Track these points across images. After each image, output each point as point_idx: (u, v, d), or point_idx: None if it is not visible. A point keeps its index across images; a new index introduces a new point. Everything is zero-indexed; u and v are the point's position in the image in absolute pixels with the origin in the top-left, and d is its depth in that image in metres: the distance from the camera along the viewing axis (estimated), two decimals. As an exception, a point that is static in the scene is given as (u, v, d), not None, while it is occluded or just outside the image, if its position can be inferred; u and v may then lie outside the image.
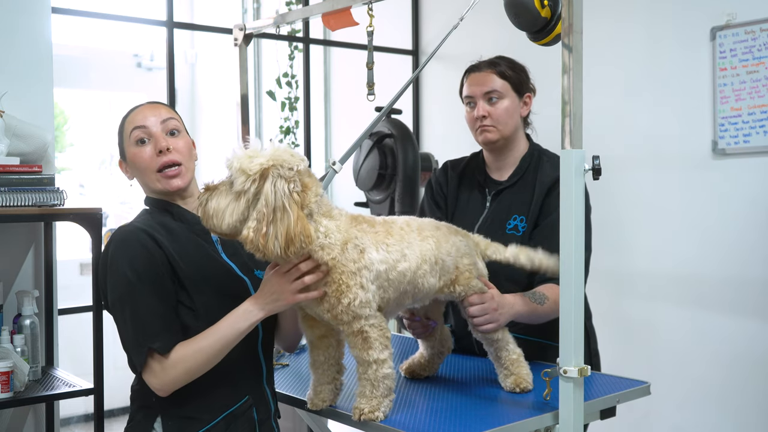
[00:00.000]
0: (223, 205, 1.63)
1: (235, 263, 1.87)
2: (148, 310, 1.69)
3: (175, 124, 1.86)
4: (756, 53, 3.24)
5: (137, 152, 1.83)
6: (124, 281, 1.70)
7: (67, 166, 6.43)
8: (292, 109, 4.85)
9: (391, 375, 1.76)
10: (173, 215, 1.85)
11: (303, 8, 2.68)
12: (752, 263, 3.26)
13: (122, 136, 1.88)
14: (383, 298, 1.77)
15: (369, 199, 4.04)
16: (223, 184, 1.66)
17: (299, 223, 1.59)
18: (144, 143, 1.83)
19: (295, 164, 1.65)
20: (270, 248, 1.58)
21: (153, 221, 1.81)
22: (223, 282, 1.82)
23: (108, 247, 1.77)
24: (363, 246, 1.72)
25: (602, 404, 1.93)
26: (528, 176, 2.29)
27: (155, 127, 1.83)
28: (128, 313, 1.70)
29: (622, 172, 3.63)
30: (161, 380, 1.69)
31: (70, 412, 5.06)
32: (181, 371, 1.69)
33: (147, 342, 1.68)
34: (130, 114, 1.88)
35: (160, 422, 1.77)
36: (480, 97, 2.26)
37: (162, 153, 1.81)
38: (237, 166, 1.62)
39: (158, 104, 1.90)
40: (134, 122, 1.85)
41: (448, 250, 1.91)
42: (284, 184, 1.61)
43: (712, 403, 3.40)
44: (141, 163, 1.83)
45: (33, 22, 3.00)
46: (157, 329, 1.69)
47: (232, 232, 1.65)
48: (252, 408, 1.84)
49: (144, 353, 1.68)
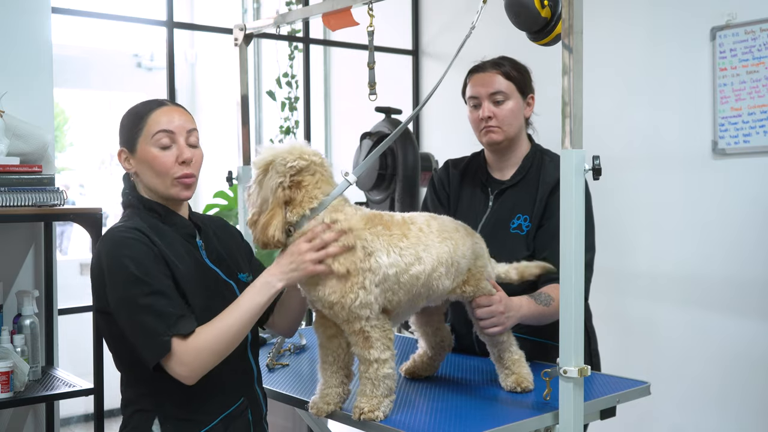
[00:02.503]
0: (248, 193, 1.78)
1: (220, 268, 1.86)
2: (160, 300, 1.66)
3: (197, 137, 1.85)
4: (756, 53, 3.24)
5: (159, 155, 1.78)
6: (128, 277, 1.67)
7: (67, 166, 6.43)
8: (292, 109, 4.85)
9: (392, 375, 1.76)
10: (162, 217, 1.83)
11: (303, 8, 2.68)
12: (752, 263, 3.26)
13: (138, 131, 1.80)
14: (392, 301, 1.77)
15: (369, 199, 4.04)
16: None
17: (273, 219, 1.70)
18: (168, 149, 1.79)
19: (291, 160, 1.70)
20: (254, 237, 1.73)
21: (143, 223, 1.79)
22: (212, 286, 1.81)
23: (100, 250, 1.74)
24: (372, 249, 1.72)
25: (602, 404, 1.93)
26: (530, 176, 2.29)
27: (181, 136, 1.80)
28: (140, 306, 1.66)
29: (622, 172, 3.63)
30: (189, 366, 1.66)
31: (70, 412, 5.06)
32: (208, 354, 1.67)
33: (169, 330, 1.64)
34: (155, 112, 1.81)
35: (158, 425, 1.75)
36: (485, 97, 2.26)
37: (184, 164, 1.80)
38: (253, 161, 1.77)
39: (183, 109, 1.86)
40: (161, 124, 1.79)
41: (464, 252, 1.91)
42: (277, 178, 1.70)
43: (712, 403, 3.40)
44: (160, 168, 1.79)
45: (33, 22, 3.00)
46: (176, 316, 1.66)
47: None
48: (248, 409, 1.85)
49: (168, 343, 1.64)
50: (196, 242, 1.86)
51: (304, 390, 2.04)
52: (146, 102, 1.86)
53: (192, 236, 1.85)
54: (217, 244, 1.91)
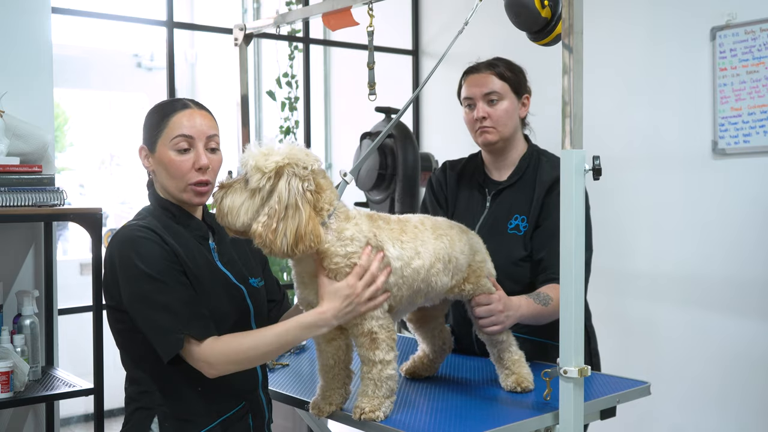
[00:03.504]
0: (237, 203, 1.64)
1: (230, 271, 1.86)
2: (174, 299, 1.67)
3: (217, 141, 1.84)
4: (756, 53, 3.23)
5: (175, 159, 1.78)
6: (141, 277, 1.67)
7: (67, 166, 6.43)
8: (292, 109, 4.85)
9: (394, 377, 1.76)
10: (176, 218, 1.83)
11: (303, 8, 2.68)
12: (752, 263, 3.26)
13: (159, 131, 1.80)
14: (396, 297, 1.77)
15: (369, 199, 4.04)
16: (237, 182, 1.66)
17: (310, 223, 1.60)
18: (185, 153, 1.79)
19: (310, 164, 1.66)
20: (278, 245, 1.59)
21: (157, 222, 1.79)
22: (223, 288, 1.81)
23: (112, 247, 1.74)
24: (380, 243, 1.72)
25: (602, 404, 1.93)
26: (527, 176, 2.29)
27: (200, 141, 1.79)
28: (153, 306, 1.67)
29: (622, 172, 3.63)
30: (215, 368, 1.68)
31: (70, 412, 5.06)
32: (234, 364, 1.69)
33: (183, 329, 1.66)
34: (177, 114, 1.80)
35: (157, 423, 1.76)
36: (479, 98, 2.26)
37: (200, 170, 1.79)
38: (252, 164, 1.63)
39: (205, 112, 1.84)
40: (181, 128, 1.78)
41: (461, 249, 1.92)
42: (298, 182, 1.62)
43: (712, 403, 3.40)
44: (176, 171, 1.79)
45: (33, 22, 3.00)
46: (189, 316, 1.67)
47: (245, 230, 1.65)
48: (248, 414, 1.85)
49: (180, 341, 1.65)
50: (208, 244, 1.86)
51: (304, 390, 2.04)
52: (171, 102, 1.85)
53: (205, 238, 1.85)
54: (231, 247, 1.91)
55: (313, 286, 1.73)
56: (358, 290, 1.66)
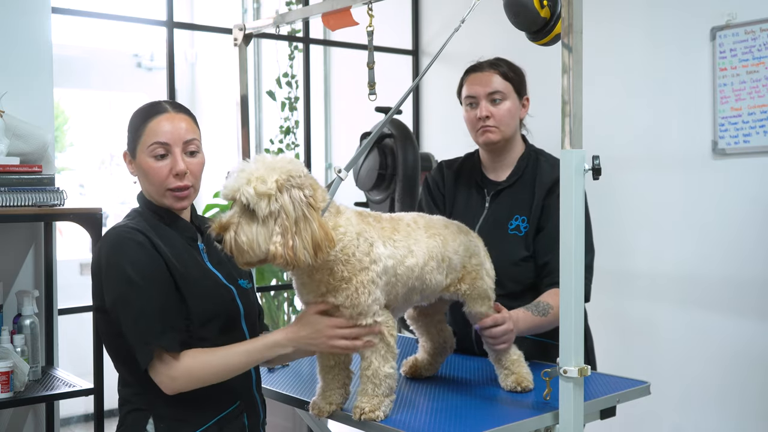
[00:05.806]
0: (253, 235, 1.60)
1: (220, 272, 1.86)
2: (151, 308, 1.68)
3: (197, 144, 1.82)
4: (756, 53, 3.23)
5: (153, 165, 1.78)
6: (124, 280, 1.68)
7: (67, 166, 6.42)
8: (292, 109, 4.85)
9: (393, 375, 1.77)
10: (164, 220, 1.83)
11: (303, 8, 2.68)
12: (752, 263, 3.26)
13: (137, 138, 1.80)
14: (391, 294, 1.78)
15: (369, 199, 4.04)
16: (238, 215, 1.62)
17: (322, 229, 1.61)
18: (162, 158, 1.78)
19: (300, 170, 1.66)
20: (300, 259, 1.59)
21: (146, 224, 1.79)
22: (212, 290, 1.81)
23: (101, 248, 1.75)
24: (371, 240, 1.73)
25: (602, 404, 1.93)
26: (526, 176, 2.29)
27: (177, 147, 1.78)
28: (131, 311, 1.68)
29: (622, 172, 3.63)
30: (177, 382, 1.70)
31: (70, 412, 5.06)
32: (196, 381, 1.71)
33: (153, 340, 1.66)
34: (153, 120, 1.79)
35: (152, 424, 1.76)
36: (483, 97, 2.26)
37: (178, 176, 1.79)
38: (252, 193, 1.59)
39: (183, 116, 1.83)
40: (156, 135, 1.78)
41: (455, 249, 1.93)
42: (299, 192, 1.62)
43: (712, 403, 3.40)
44: (154, 178, 1.79)
45: (33, 22, 3.00)
46: (162, 327, 1.68)
47: (264, 257, 1.62)
48: (243, 414, 1.85)
49: (151, 352, 1.67)
50: (197, 246, 1.86)
51: (304, 390, 2.04)
52: (149, 106, 1.85)
53: (194, 240, 1.85)
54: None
55: (311, 286, 1.73)
56: (329, 335, 1.71)
